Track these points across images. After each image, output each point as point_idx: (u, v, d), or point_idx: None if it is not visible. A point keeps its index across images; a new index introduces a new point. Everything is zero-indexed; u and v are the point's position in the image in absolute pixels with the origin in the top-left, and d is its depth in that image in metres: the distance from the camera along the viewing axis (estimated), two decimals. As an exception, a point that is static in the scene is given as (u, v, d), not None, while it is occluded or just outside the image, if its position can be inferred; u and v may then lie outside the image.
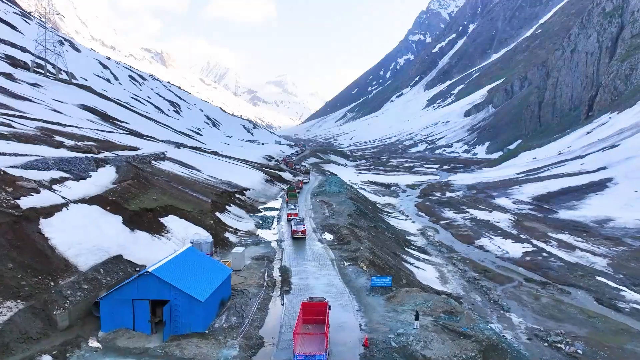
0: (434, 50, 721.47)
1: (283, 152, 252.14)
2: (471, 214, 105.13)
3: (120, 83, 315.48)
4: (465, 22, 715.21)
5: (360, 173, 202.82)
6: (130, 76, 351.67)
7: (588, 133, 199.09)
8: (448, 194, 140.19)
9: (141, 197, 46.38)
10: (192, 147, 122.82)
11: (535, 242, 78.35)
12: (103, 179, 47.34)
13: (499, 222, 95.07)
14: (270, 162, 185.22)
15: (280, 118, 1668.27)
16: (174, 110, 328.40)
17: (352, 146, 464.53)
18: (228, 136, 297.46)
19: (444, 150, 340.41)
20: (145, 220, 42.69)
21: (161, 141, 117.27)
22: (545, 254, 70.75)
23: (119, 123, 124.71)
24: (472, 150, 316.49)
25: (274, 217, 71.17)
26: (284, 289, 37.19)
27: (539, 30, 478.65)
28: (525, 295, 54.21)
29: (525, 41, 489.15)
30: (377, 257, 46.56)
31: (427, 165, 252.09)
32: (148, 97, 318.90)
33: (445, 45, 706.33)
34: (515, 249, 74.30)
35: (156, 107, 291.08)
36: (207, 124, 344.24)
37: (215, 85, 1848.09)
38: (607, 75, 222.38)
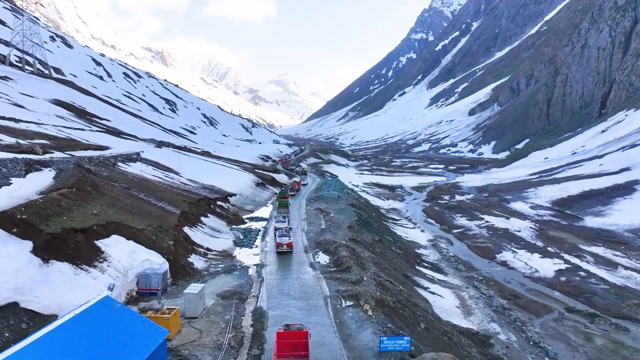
0: (436, 49, 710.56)
1: (281, 151, 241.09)
2: (487, 221, 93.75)
3: (113, 80, 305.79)
4: (469, 20, 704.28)
5: (363, 174, 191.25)
6: (124, 73, 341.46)
7: (603, 132, 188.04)
8: (458, 197, 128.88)
9: (74, 212, 35.18)
10: (176, 147, 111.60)
11: (566, 256, 66.94)
12: (28, 187, 36.19)
13: (519, 231, 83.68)
14: (267, 162, 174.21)
15: (281, 117, 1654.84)
16: (169, 109, 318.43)
17: (354, 145, 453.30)
18: (224, 135, 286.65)
19: (449, 149, 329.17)
20: (70, 245, 31.41)
21: (142, 140, 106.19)
22: (582, 273, 59.32)
23: (97, 120, 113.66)
24: (478, 149, 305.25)
25: (259, 231, 59.06)
26: (253, 353, 25.41)
27: (544, 28, 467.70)
28: (572, 332, 42.84)
29: (530, 39, 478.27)
30: (386, 290, 35.12)
31: (432, 166, 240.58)
32: (143, 94, 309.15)
33: (448, 43, 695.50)
34: (546, 266, 62.85)
35: (150, 105, 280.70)
36: (204, 122, 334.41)
37: (217, 85, 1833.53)
38: (622, 71, 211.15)
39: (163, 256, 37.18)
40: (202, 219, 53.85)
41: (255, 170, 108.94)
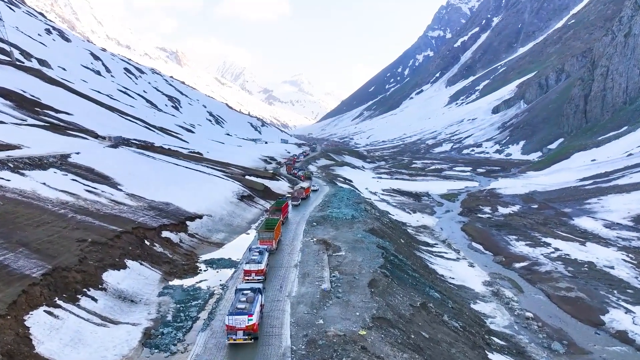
0: (455, 45, 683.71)
1: (288, 152, 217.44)
2: (555, 248, 68.62)
3: (112, 75, 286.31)
4: (489, 15, 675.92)
5: (381, 178, 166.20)
6: (125, 69, 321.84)
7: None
8: (501, 210, 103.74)
9: None
10: (145, 147, 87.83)
11: None
12: None
13: (612, 268, 58.55)
14: (270, 164, 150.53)
15: (295, 117, 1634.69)
16: (172, 106, 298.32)
17: (370, 145, 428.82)
18: (228, 134, 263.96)
19: (473, 150, 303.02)
20: None
21: (101, 137, 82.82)
22: None
23: (50, 113, 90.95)
24: (505, 150, 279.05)
25: (211, 295, 33.33)
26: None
27: (572, 21, 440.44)
28: None
29: (556, 33, 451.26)
30: None
31: (457, 168, 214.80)
32: (143, 91, 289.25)
33: (468, 39, 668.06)
34: (699, 346, 37.82)
35: (148, 101, 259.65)
36: (209, 120, 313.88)
37: (231, 85, 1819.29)
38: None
39: None
40: (108, 275, 29.47)
41: (246, 176, 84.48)
